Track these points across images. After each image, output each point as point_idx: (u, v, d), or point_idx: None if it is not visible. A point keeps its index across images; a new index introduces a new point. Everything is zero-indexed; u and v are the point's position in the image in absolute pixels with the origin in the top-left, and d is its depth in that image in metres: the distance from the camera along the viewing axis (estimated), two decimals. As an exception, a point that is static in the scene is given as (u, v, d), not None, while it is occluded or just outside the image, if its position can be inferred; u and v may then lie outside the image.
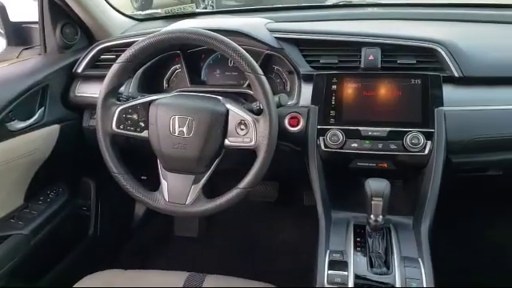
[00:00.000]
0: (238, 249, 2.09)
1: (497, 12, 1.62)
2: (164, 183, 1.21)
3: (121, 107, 1.19)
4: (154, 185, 1.24)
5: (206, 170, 1.18)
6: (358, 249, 1.15)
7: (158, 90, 1.49)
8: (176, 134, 1.15)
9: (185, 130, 1.14)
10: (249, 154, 1.16)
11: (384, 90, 1.24)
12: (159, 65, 1.50)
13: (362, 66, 1.29)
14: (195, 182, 1.18)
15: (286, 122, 1.30)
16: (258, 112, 1.15)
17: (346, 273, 1.07)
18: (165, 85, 1.51)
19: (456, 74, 1.24)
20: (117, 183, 1.22)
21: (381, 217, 1.10)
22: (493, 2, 1.72)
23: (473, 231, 1.94)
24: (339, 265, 1.09)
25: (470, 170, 1.30)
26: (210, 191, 1.24)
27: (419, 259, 1.10)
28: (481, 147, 1.23)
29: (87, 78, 1.53)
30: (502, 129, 1.22)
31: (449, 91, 1.23)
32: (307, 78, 1.32)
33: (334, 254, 1.12)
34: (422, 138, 1.18)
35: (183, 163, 1.17)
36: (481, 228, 1.95)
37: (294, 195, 2.14)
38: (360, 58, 1.29)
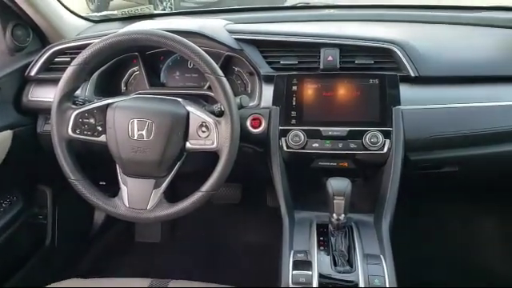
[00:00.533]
0: (202, 252, 2.07)
1: (451, 14, 1.68)
2: (124, 188, 1.18)
3: (77, 111, 1.16)
4: (113, 190, 1.21)
5: (167, 173, 1.16)
6: (322, 248, 1.16)
7: (116, 93, 1.45)
8: (135, 138, 1.12)
9: (144, 133, 1.12)
10: (211, 157, 1.15)
11: (343, 91, 1.26)
12: (117, 67, 1.47)
13: (322, 66, 1.30)
14: (156, 186, 1.16)
15: (248, 123, 1.29)
16: (220, 114, 1.14)
17: (310, 272, 1.07)
18: (123, 88, 1.48)
19: (412, 74, 1.27)
20: (74, 190, 1.18)
21: (343, 215, 1.12)
22: (447, 4, 1.78)
23: (433, 226, 2.00)
24: (303, 265, 1.10)
25: (427, 167, 1.34)
26: (172, 195, 1.22)
27: (381, 256, 1.12)
28: (437, 144, 1.27)
29: (41, 82, 1.47)
30: (457, 126, 1.26)
31: (405, 90, 1.26)
32: (268, 79, 1.32)
33: (298, 254, 1.13)
34: (380, 137, 1.20)
35: (143, 167, 1.15)
36: (441, 223, 2.01)
37: (257, 196, 2.14)
38: (319, 58, 1.31)
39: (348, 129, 1.23)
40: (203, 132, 1.13)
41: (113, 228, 2.11)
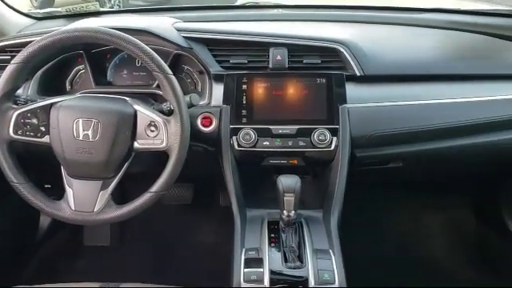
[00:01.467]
0: (154, 254, 2.04)
1: (395, 15, 1.74)
2: (69, 191, 1.14)
3: (18, 111, 1.11)
4: (59, 193, 1.17)
5: (115, 174, 1.14)
6: (273, 245, 1.17)
7: (61, 92, 1.40)
8: (80, 138, 1.09)
9: (90, 133, 1.09)
10: (161, 157, 1.14)
11: (292, 89, 1.28)
12: (61, 65, 1.42)
13: (271, 66, 1.32)
14: (103, 187, 1.13)
15: (199, 122, 1.29)
16: (169, 112, 1.13)
17: (261, 269, 1.08)
18: (67, 87, 1.43)
19: (357, 73, 1.31)
20: (17, 194, 1.13)
21: (293, 212, 1.14)
22: (392, 5, 1.85)
23: (380, 221, 2.07)
24: (255, 262, 1.10)
25: (373, 163, 1.38)
26: (120, 197, 1.20)
27: (330, 250, 1.15)
28: (382, 141, 1.31)
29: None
30: (401, 123, 1.31)
31: (351, 89, 1.30)
32: (218, 78, 1.32)
33: (249, 252, 1.13)
34: (328, 135, 1.23)
35: (89, 169, 1.12)
36: (387, 217, 2.09)
37: (209, 196, 2.13)
38: (268, 58, 1.32)
39: (297, 127, 1.25)
40: (152, 131, 1.11)
41: (60, 232, 2.03)
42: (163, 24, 1.40)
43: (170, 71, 1.11)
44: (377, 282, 1.66)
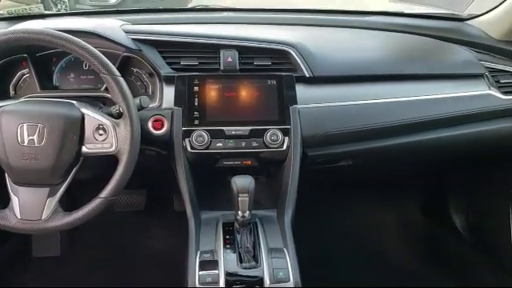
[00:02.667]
0: (107, 264, 1.97)
1: (343, 18, 1.79)
2: (14, 199, 1.09)
3: None
4: (3, 202, 1.12)
5: (63, 181, 1.10)
6: (228, 246, 1.18)
7: (4, 97, 1.33)
8: (25, 144, 1.05)
9: (35, 138, 1.05)
10: (111, 161, 1.11)
11: (243, 91, 1.29)
12: (4, 69, 1.35)
13: (222, 67, 1.32)
14: (51, 194, 1.09)
15: (150, 125, 1.27)
16: (118, 115, 1.11)
17: (216, 271, 1.08)
18: (11, 92, 1.37)
19: (307, 74, 1.34)
20: None
21: (247, 212, 1.15)
22: (340, 8, 1.90)
23: (333, 218, 2.12)
24: (210, 264, 1.10)
25: (325, 162, 1.41)
26: (69, 204, 1.16)
27: (284, 249, 1.16)
28: (332, 140, 1.34)
29: None
30: (349, 122, 1.34)
31: (302, 90, 1.32)
32: (168, 80, 1.31)
33: (204, 255, 1.13)
34: (280, 135, 1.25)
35: (35, 175, 1.07)
36: (340, 214, 2.13)
37: (163, 202, 2.10)
38: (219, 59, 1.33)
39: (250, 128, 1.26)
40: (100, 135, 1.09)
41: (6, 243, 1.93)
42: (110, 26, 1.37)
43: (118, 73, 1.09)
44: (330, 278, 1.69)
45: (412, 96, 1.39)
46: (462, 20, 1.71)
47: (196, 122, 1.25)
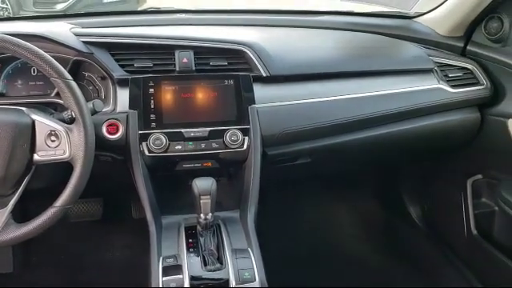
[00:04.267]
0: (65, 278, 1.89)
1: (297, 18, 1.81)
2: (-39, 212, 1.03)
3: None
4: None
5: (14, 191, 1.05)
6: (191, 250, 1.15)
7: None
8: None
9: None
10: (65, 169, 1.07)
11: (201, 92, 1.27)
12: None
13: (177, 68, 1.30)
14: (1, 206, 1.03)
15: (104, 129, 1.22)
16: (71, 121, 1.07)
17: (180, 276, 1.06)
18: None
19: (263, 74, 1.34)
20: None
21: (210, 214, 1.13)
22: (295, 9, 1.92)
23: (295, 216, 2.13)
24: (173, 269, 1.08)
25: (284, 160, 1.42)
26: (23, 215, 1.11)
27: (249, 249, 1.15)
28: (290, 138, 1.35)
29: None
30: (307, 120, 1.36)
31: (259, 89, 1.32)
32: (122, 83, 1.27)
33: (167, 260, 1.10)
34: (239, 135, 1.24)
35: None
36: (301, 212, 2.15)
37: (121, 210, 2.04)
38: (174, 61, 1.31)
39: (209, 129, 1.24)
40: (52, 141, 1.04)
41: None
42: (59, 29, 1.32)
43: (69, 76, 1.05)
44: (296, 276, 1.70)
45: (366, 92, 1.42)
46: (409, 18, 1.77)
47: (153, 124, 1.22)
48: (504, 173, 1.60)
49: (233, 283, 1.06)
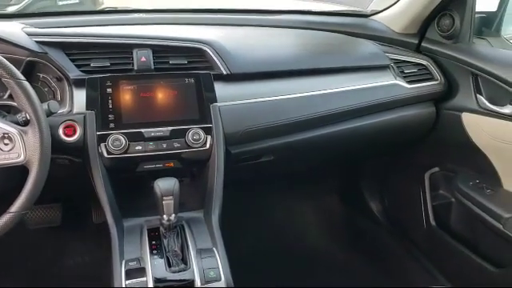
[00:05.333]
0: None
1: (256, 17, 1.81)
2: None
3: None
4: None
5: None
6: (155, 252, 1.14)
7: None
8: None
9: None
10: (20, 173, 1.03)
11: (161, 91, 1.25)
12: None
13: (136, 67, 1.28)
14: None
15: (61, 131, 1.18)
16: (25, 123, 1.03)
17: (144, 279, 1.04)
18: None
19: (224, 72, 1.33)
20: None
21: (173, 215, 1.12)
22: (254, 8, 1.92)
23: (259, 215, 2.14)
24: (137, 272, 1.06)
25: (247, 159, 1.42)
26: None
27: (214, 248, 1.15)
28: (253, 136, 1.35)
29: None
30: (268, 118, 1.36)
31: (220, 88, 1.31)
32: (79, 83, 1.23)
33: (130, 263, 1.08)
34: (202, 134, 1.23)
35: None
36: (265, 211, 2.16)
37: (81, 215, 1.98)
38: (132, 60, 1.28)
39: (170, 128, 1.22)
40: (6, 145, 1.00)
41: None
42: (11, 29, 1.26)
43: (21, 76, 1.01)
44: (261, 274, 1.71)
45: (326, 89, 1.44)
46: (366, 16, 1.82)
47: (111, 125, 1.19)
48: (459, 165, 1.66)
49: (198, 283, 1.05)
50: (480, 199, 1.47)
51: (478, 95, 1.50)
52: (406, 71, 1.60)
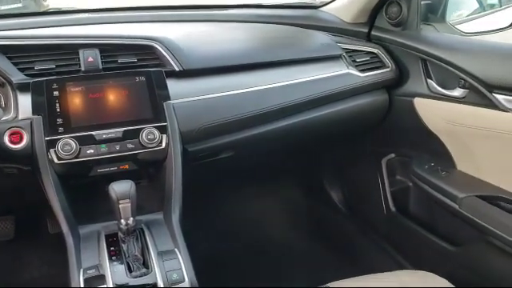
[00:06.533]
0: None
1: (207, 12, 1.79)
2: None
3: None
4: None
5: None
6: (114, 258, 1.10)
7: None
8: None
9: None
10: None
11: (110, 91, 1.21)
12: None
13: (83, 68, 1.23)
14: None
15: (6, 139, 1.12)
16: None
17: (104, 286, 1.00)
18: None
19: (176, 68, 1.31)
20: None
21: (131, 219, 1.08)
22: (203, 3, 1.90)
23: (221, 213, 2.12)
24: (96, 280, 1.02)
25: (206, 156, 1.40)
26: None
27: (175, 250, 1.12)
28: (211, 133, 1.33)
29: None
30: (223, 114, 1.34)
31: (173, 85, 1.28)
32: (23, 88, 1.17)
33: (88, 271, 1.04)
34: (156, 133, 1.19)
35: None
36: (227, 208, 2.15)
37: (35, 226, 1.90)
38: (79, 60, 1.24)
39: (123, 129, 1.18)
40: None
41: None
42: None
43: None
44: (227, 273, 1.69)
45: (280, 82, 1.43)
46: (315, 7, 1.83)
47: (60, 129, 1.14)
48: (414, 149, 1.70)
49: (161, 286, 1.02)
50: (436, 181, 1.51)
51: (428, 80, 1.53)
52: (358, 60, 1.61)
